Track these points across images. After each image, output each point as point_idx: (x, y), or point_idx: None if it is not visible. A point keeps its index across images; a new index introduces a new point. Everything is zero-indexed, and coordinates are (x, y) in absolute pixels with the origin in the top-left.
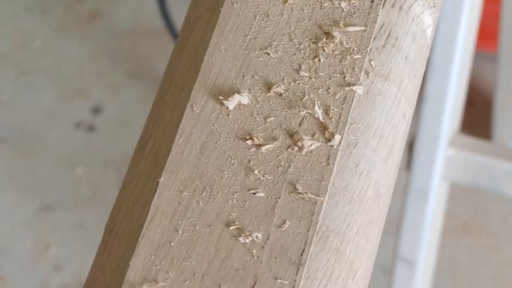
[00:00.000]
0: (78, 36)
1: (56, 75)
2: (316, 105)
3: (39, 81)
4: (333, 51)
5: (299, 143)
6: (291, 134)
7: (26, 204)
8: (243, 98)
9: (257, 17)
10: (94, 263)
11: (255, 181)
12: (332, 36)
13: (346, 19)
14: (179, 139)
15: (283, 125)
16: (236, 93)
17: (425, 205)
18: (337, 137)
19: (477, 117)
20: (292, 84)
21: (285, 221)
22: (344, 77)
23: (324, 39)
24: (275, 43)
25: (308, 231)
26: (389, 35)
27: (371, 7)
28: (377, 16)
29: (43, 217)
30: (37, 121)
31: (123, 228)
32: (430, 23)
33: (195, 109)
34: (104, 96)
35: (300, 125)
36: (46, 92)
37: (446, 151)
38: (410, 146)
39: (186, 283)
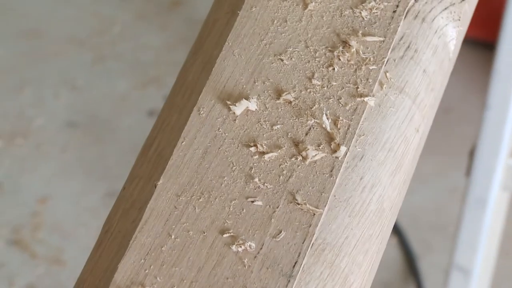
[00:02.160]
0: (157, 24)
1: (133, 62)
2: (324, 115)
3: (115, 67)
4: (348, 61)
5: (304, 153)
6: (296, 143)
7: (93, 190)
8: (251, 104)
9: (275, 22)
10: (87, 263)
11: (255, 189)
12: (349, 45)
13: (366, 28)
14: (182, 142)
15: (289, 134)
16: (244, 99)
17: (483, 213)
18: (343, 148)
19: None
20: (303, 92)
21: (281, 231)
22: (357, 87)
23: (341, 47)
24: (290, 49)
25: (303, 243)
26: (408, 46)
27: (393, 18)
28: (398, 27)
29: (109, 204)
30: (110, 107)
31: (118, 229)
32: (453, 37)
33: (202, 112)
34: None
35: (306, 134)
36: (121, 79)
37: (507, 161)
38: (471, 153)
39: None
